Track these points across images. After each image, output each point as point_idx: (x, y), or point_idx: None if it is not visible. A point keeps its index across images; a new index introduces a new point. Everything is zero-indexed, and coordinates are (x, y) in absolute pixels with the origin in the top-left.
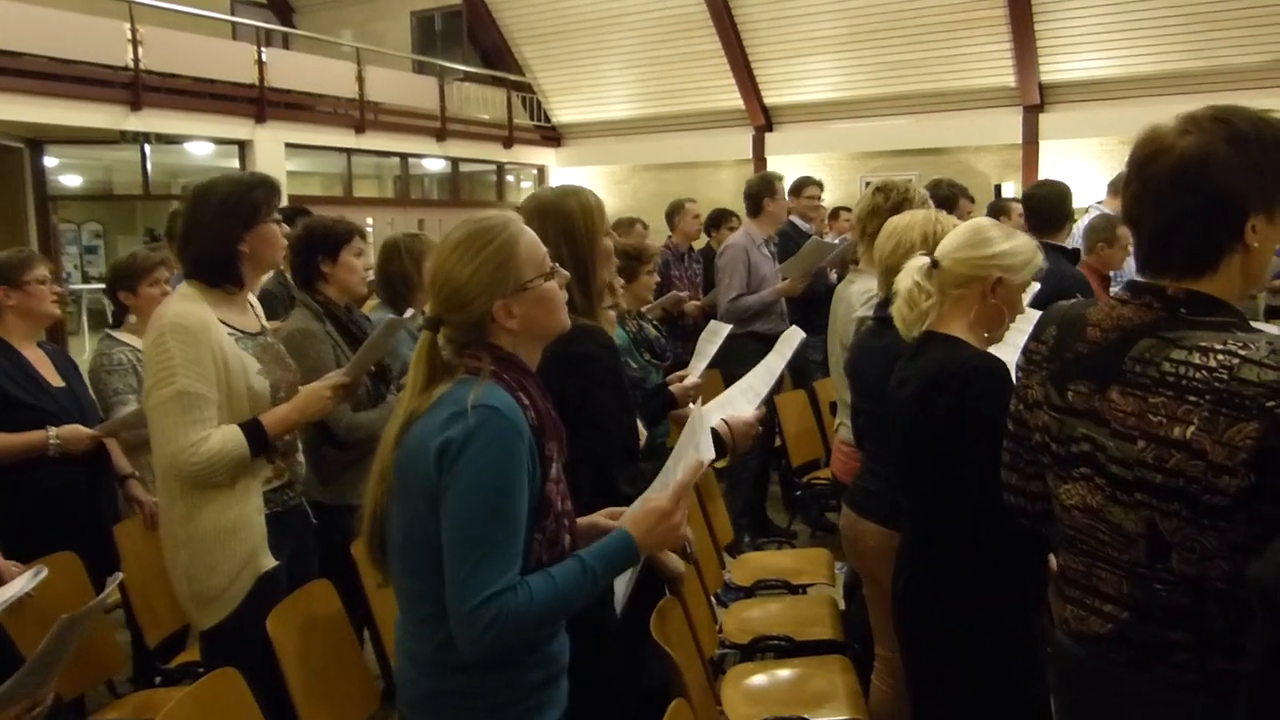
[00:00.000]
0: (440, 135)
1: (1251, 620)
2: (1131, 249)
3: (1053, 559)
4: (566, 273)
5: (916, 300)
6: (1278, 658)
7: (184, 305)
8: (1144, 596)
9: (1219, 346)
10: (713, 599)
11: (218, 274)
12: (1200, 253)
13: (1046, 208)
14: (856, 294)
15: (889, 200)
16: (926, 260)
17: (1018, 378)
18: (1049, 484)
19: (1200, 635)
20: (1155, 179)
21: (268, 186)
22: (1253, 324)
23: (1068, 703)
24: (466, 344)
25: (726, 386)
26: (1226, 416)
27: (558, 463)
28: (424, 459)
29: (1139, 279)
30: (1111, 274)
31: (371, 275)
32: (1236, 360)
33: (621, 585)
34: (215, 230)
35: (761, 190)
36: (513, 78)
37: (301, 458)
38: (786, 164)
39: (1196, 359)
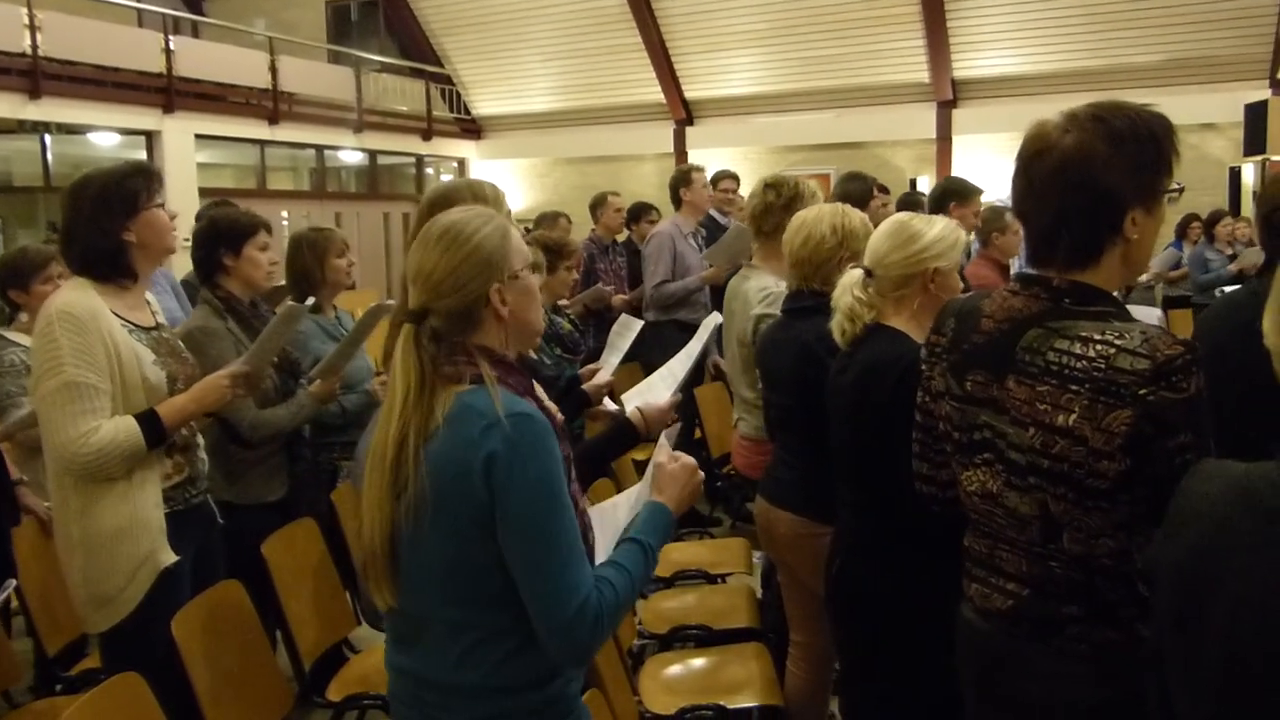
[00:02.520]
0: (357, 127)
1: (1136, 593)
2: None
3: None
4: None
5: (859, 314)
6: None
7: (72, 294)
8: (1041, 574)
9: (1097, 337)
10: None
11: (107, 268)
12: (1083, 246)
13: (932, 200)
14: (753, 291)
15: (781, 197)
16: (861, 273)
17: (922, 369)
18: (954, 471)
19: (1091, 609)
20: (1040, 177)
21: (145, 174)
22: (1133, 309)
23: (973, 675)
24: (453, 343)
25: (648, 375)
26: (1104, 404)
27: (571, 463)
28: (466, 479)
29: (1028, 271)
30: (1011, 262)
31: (276, 271)
32: (1113, 350)
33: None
34: (97, 223)
35: (678, 182)
36: (431, 69)
37: (203, 454)
38: (707, 157)
39: (1077, 349)
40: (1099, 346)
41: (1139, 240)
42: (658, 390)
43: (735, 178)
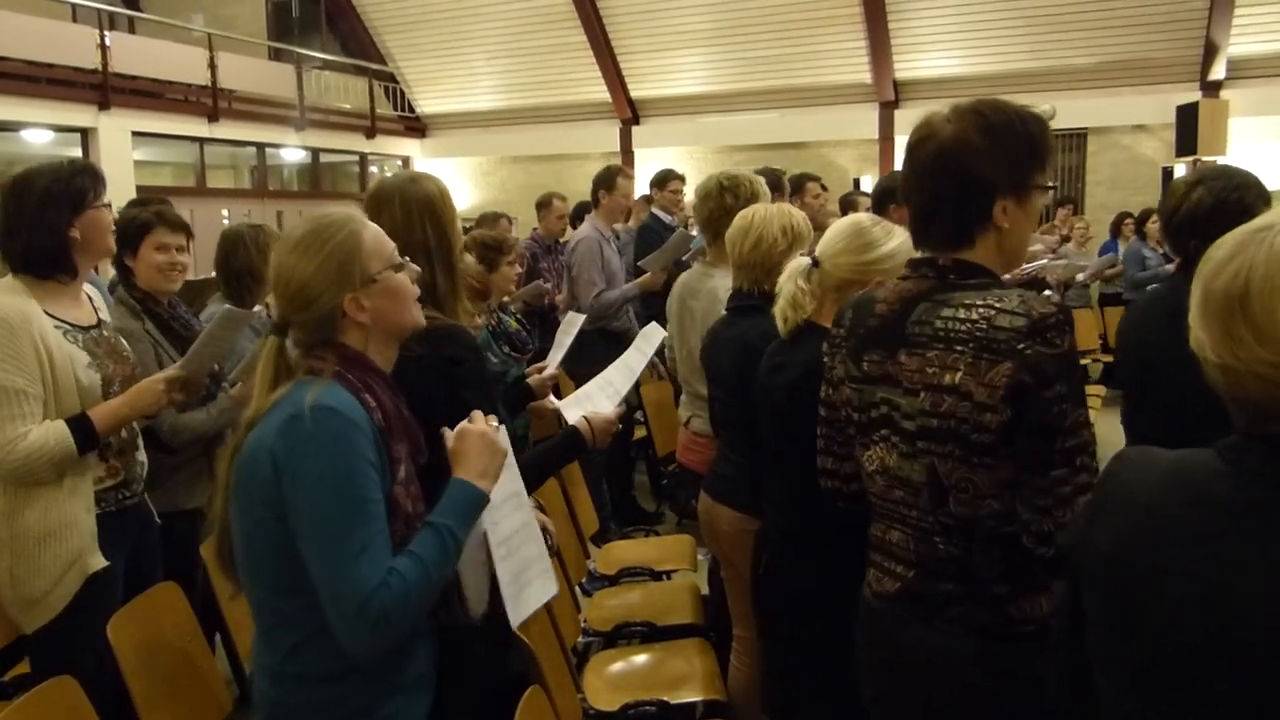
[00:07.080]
0: (299, 125)
1: (1008, 569)
2: None
3: None
4: (416, 268)
5: (801, 303)
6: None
7: (2, 297)
8: (926, 553)
9: (979, 302)
10: (576, 588)
11: (48, 265)
12: (956, 230)
13: (873, 201)
14: (722, 290)
15: (739, 200)
16: (808, 261)
17: (823, 362)
18: (856, 454)
19: (968, 587)
20: (921, 163)
21: (91, 173)
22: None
23: (866, 656)
24: (315, 345)
25: (577, 386)
26: (986, 360)
27: (407, 465)
28: (261, 467)
29: (915, 256)
30: None
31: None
32: (993, 312)
33: (475, 578)
34: (43, 221)
35: (599, 184)
36: (375, 66)
37: (142, 456)
38: (653, 157)
39: (961, 314)
40: (981, 310)
41: (1010, 229)
42: (598, 400)
43: (682, 178)
